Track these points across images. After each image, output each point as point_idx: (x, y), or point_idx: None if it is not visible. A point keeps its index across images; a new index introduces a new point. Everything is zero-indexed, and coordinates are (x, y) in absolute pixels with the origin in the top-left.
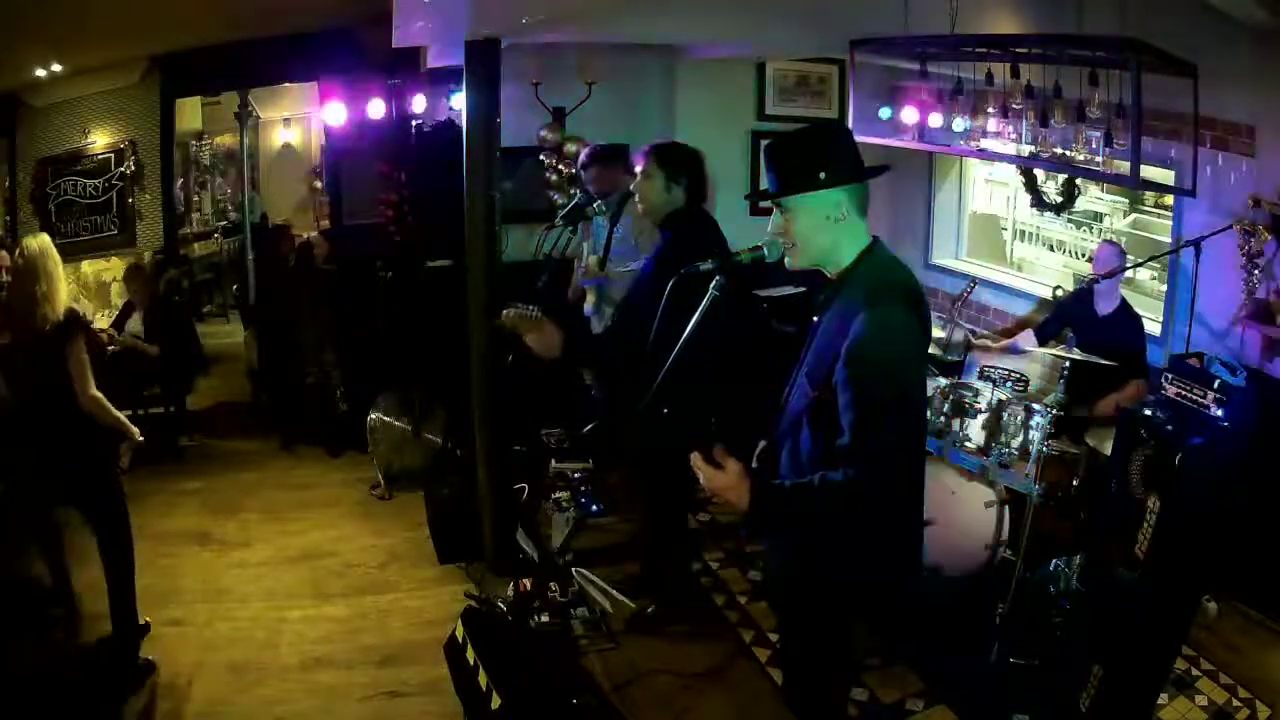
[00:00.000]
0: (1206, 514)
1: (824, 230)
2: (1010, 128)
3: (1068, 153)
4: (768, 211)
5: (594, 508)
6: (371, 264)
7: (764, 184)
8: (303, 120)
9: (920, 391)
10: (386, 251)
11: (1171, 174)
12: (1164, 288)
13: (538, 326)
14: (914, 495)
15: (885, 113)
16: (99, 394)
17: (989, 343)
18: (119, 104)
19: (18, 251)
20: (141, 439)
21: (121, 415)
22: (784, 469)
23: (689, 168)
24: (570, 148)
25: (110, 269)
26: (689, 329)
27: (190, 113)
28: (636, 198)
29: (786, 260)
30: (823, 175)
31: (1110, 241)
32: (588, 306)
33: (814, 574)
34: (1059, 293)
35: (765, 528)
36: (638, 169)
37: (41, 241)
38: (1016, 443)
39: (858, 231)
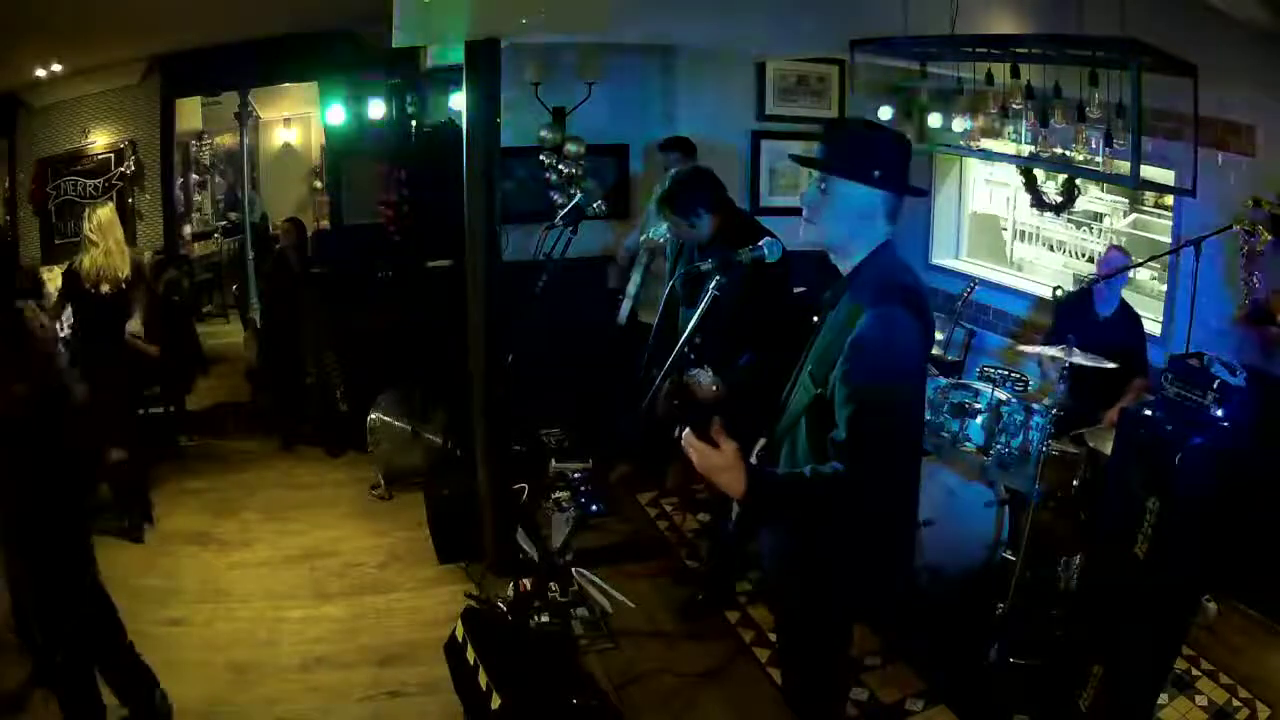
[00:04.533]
0: (1206, 514)
1: (850, 222)
2: (1010, 128)
3: (1068, 153)
4: (768, 212)
5: (594, 508)
6: (371, 264)
7: (816, 154)
8: (303, 120)
9: (918, 392)
10: (386, 251)
11: (1171, 174)
12: (1164, 288)
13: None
14: (906, 493)
15: (885, 113)
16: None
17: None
18: (119, 104)
19: (93, 220)
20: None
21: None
22: (783, 466)
23: (698, 197)
24: (570, 148)
25: None
26: (689, 327)
27: (190, 113)
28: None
29: (801, 231)
30: (876, 174)
31: (1117, 247)
32: (631, 286)
33: (807, 572)
34: (1059, 293)
35: (759, 516)
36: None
37: (107, 211)
38: (1016, 443)
39: (876, 235)
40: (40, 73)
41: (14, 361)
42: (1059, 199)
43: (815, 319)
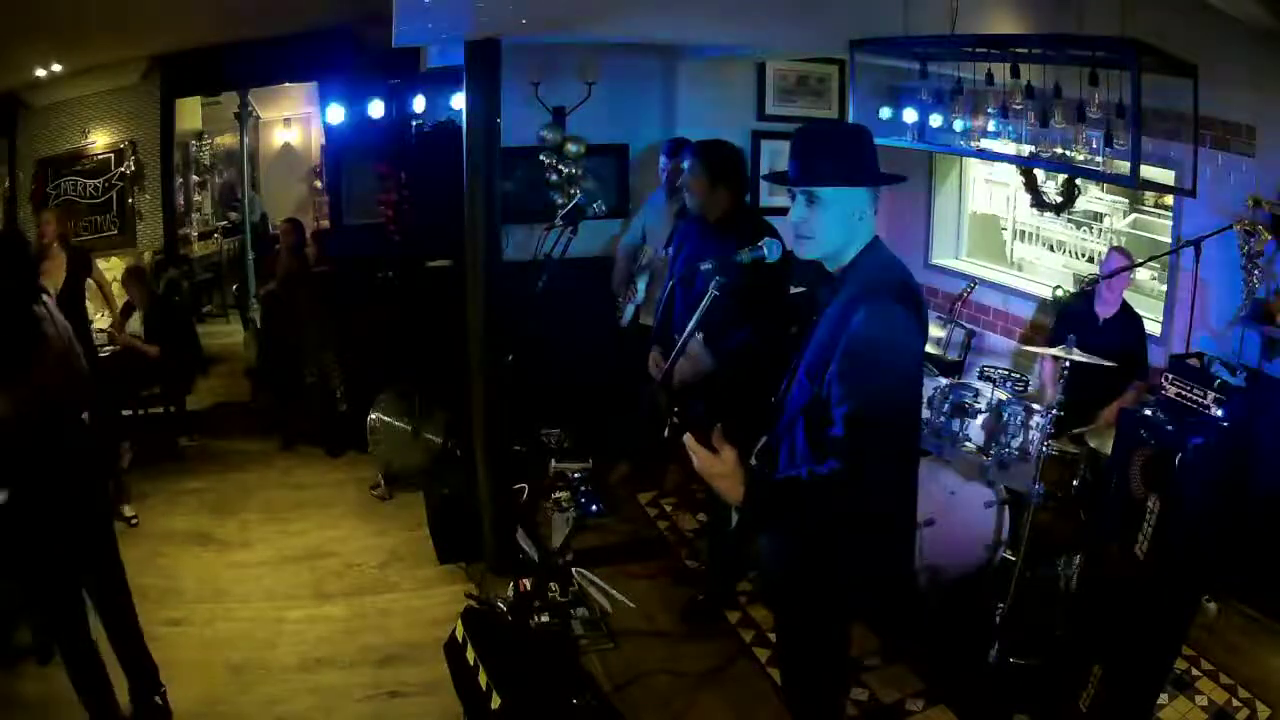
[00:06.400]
0: (1206, 514)
1: (845, 225)
2: (1010, 128)
3: (1068, 153)
4: (767, 211)
5: (594, 508)
6: (371, 264)
7: (790, 170)
8: (303, 120)
9: (915, 388)
10: (386, 251)
11: (1171, 174)
12: (1164, 288)
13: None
14: (904, 491)
15: (885, 113)
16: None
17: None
18: (119, 104)
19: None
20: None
21: None
22: (783, 466)
23: (732, 167)
24: (570, 148)
25: (110, 269)
26: (689, 326)
27: (190, 113)
28: (685, 193)
29: (797, 250)
30: (862, 173)
31: (1119, 249)
32: (637, 295)
33: (807, 572)
34: (1059, 293)
35: (759, 520)
36: (684, 165)
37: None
38: (1016, 443)
39: (867, 231)
40: (40, 73)
41: (28, 361)
42: (1059, 199)
43: (815, 318)
